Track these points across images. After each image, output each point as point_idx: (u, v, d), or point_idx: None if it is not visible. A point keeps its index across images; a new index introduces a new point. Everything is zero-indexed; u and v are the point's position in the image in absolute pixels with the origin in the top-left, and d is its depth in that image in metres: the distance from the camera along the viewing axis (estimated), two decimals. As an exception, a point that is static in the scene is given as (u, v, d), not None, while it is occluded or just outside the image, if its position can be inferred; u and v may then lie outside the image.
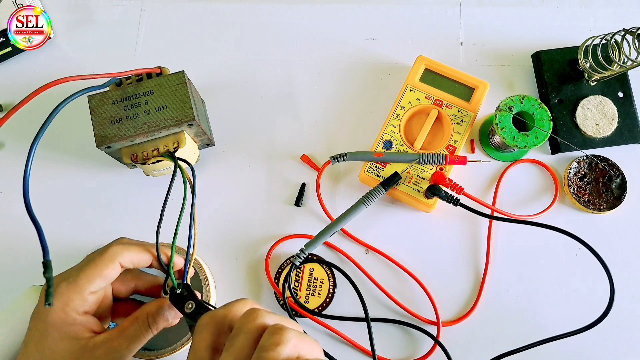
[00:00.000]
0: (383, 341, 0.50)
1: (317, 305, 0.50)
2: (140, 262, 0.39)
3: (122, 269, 0.38)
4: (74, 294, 0.35)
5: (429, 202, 0.51)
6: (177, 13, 0.61)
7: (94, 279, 0.36)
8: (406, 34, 0.60)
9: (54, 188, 0.55)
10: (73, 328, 0.35)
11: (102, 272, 0.36)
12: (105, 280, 0.36)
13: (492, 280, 0.52)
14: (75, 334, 0.35)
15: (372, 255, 0.53)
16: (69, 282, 0.36)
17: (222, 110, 0.57)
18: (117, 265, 0.37)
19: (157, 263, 0.40)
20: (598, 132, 0.55)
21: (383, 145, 0.53)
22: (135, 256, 0.38)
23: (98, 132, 0.46)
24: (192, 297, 0.39)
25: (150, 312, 0.38)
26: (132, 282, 0.42)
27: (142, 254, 0.39)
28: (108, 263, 0.36)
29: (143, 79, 0.48)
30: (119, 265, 0.37)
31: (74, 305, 0.35)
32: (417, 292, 0.51)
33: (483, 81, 0.54)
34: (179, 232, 0.40)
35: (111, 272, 0.37)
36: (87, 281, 0.36)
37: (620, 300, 0.46)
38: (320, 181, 0.53)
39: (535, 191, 0.55)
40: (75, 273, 0.36)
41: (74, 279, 0.36)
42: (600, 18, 0.60)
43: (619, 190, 0.53)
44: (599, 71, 0.53)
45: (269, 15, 0.61)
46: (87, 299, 0.36)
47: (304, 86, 0.58)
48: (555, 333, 0.48)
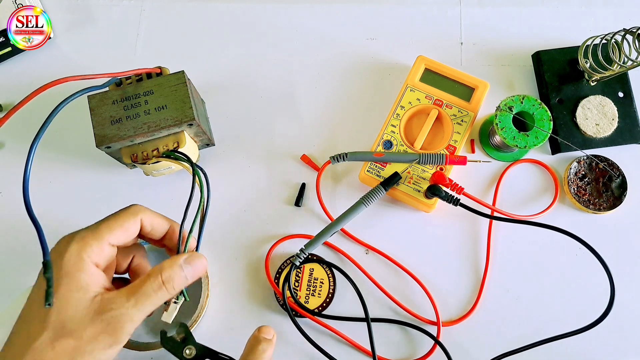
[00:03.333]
0: (383, 341, 0.50)
1: (317, 305, 0.50)
2: (159, 227, 0.38)
3: (140, 227, 0.37)
4: (93, 240, 0.34)
5: (429, 202, 0.51)
6: (177, 13, 0.61)
7: (115, 229, 0.35)
8: (406, 34, 0.60)
9: (54, 188, 0.55)
10: (86, 278, 0.33)
11: (124, 223, 0.36)
12: (125, 233, 0.36)
13: (492, 280, 0.52)
14: (87, 285, 0.33)
15: (372, 255, 0.53)
16: (89, 229, 0.35)
17: (222, 110, 0.57)
18: (138, 220, 0.37)
19: (174, 235, 0.39)
20: (598, 132, 0.55)
21: (383, 145, 0.53)
22: (155, 218, 0.38)
23: (98, 132, 0.46)
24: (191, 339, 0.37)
25: (163, 269, 0.35)
26: (131, 254, 0.41)
27: (161, 218, 0.39)
28: (130, 217, 0.36)
29: (143, 79, 0.48)
30: (140, 222, 0.37)
31: (91, 252, 0.34)
32: (417, 292, 0.51)
33: (483, 81, 0.54)
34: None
35: (132, 226, 0.36)
36: (107, 230, 0.35)
37: (621, 300, 0.46)
38: (320, 181, 0.53)
39: (535, 191, 0.55)
40: (97, 223, 0.36)
41: (94, 227, 0.35)
42: (600, 18, 0.60)
43: (619, 190, 0.53)
44: (599, 71, 0.53)
45: (269, 15, 0.61)
46: (104, 250, 0.34)
47: (304, 86, 0.58)
48: (556, 333, 0.48)
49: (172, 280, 0.35)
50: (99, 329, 0.32)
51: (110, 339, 0.32)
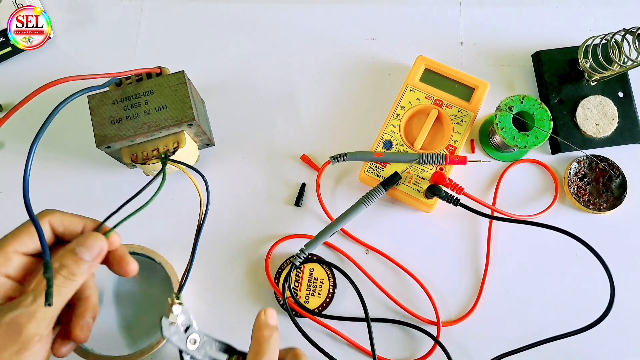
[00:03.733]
0: (383, 341, 0.50)
1: (317, 305, 0.50)
2: (72, 225, 0.37)
3: (52, 230, 0.36)
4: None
5: (429, 202, 0.51)
6: (177, 13, 0.61)
7: (21, 236, 0.34)
8: (406, 34, 0.60)
9: (54, 188, 0.55)
10: None
11: (29, 229, 0.35)
12: (33, 237, 0.34)
13: (492, 280, 0.52)
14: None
15: (372, 255, 0.53)
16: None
17: (222, 110, 0.57)
18: (45, 222, 0.35)
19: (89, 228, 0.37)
20: (598, 132, 0.55)
21: (383, 145, 0.53)
22: (65, 217, 0.36)
23: (98, 132, 0.46)
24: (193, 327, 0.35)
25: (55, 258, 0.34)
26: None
27: (73, 217, 0.37)
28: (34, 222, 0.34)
29: (143, 79, 0.48)
30: (48, 224, 0.36)
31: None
32: (417, 292, 0.51)
33: (483, 81, 0.54)
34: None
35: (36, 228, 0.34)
36: (12, 239, 0.34)
37: (621, 300, 0.46)
38: (320, 181, 0.53)
39: (535, 191, 0.55)
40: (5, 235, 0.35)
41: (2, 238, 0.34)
42: (600, 18, 0.60)
43: (619, 190, 0.53)
44: (599, 71, 0.53)
45: (269, 15, 0.61)
46: (10, 258, 0.34)
47: (304, 86, 0.58)
48: (556, 333, 0.48)
49: (66, 266, 0.33)
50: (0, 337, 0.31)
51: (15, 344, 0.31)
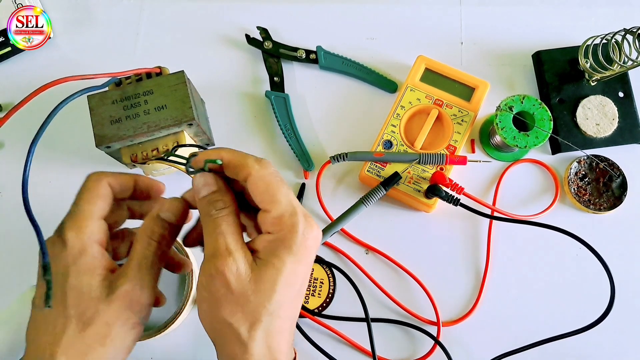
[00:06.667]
0: (383, 341, 0.50)
1: (317, 306, 0.50)
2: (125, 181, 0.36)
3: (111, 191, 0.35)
4: (83, 221, 0.32)
5: (429, 202, 0.51)
6: (177, 13, 0.61)
7: (93, 199, 0.33)
8: (406, 34, 0.60)
9: (54, 188, 0.55)
10: (91, 261, 0.32)
11: (96, 192, 0.33)
12: (104, 199, 0.34)
13: (492, 280, 0.52)
14: (94, 268, 0.31)
15: (372, 255, 0.53)
16: (70, 214, 0.33)
17: (222, 110, 0.57)
18: (105, 184, 0.34)
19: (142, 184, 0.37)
20: (598, 132, 0.54)
21: (383, 145, 0.53)
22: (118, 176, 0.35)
23: (97, 132, 0.46)
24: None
25: (146, 227, 0.33)
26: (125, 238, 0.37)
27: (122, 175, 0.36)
28: (96, 183, 0.34)
29: (143, 78, 0.48)
30: (107, 184, 0.34)
31: (87, 231, 0.32)
32: (417, 292, 0.51)
33: (483, 81, 0.54)
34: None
35: (103, 190, 0.34)
36: (88, 204, 0.33)
37: (621, 300, 0.46)
38: (320, 181, 0.53)
39: (535, 191, 0.55)
40: (73, 206, 0.34)
41: (74, 210, 0.33)
42: (600, 18, 0.60)
43: (620, 190, 0.53)
44: (599, 71, 0.53)
45: (269, 15, 0.61)
46: (97, 225, 0.33)
47: (304, 86, 0.58)
48: (556, 333, 0.48)
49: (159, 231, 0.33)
50: (117, 309, 0.31)
51: (133, 316, 0.31)
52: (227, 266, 0.29)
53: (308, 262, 0.31)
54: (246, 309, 0.29)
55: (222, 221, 0.31)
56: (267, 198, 0.31)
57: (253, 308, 0.29)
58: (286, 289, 0.30)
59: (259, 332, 0.30)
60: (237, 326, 0.29)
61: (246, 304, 0.29)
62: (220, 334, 0.31)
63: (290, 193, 0.31)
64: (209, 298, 0.30)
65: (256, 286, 0.29)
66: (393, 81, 0.58)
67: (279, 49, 0.58)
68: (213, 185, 0.32)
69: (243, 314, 0.30)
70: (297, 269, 0.30)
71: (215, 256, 0.30)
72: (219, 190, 0.32)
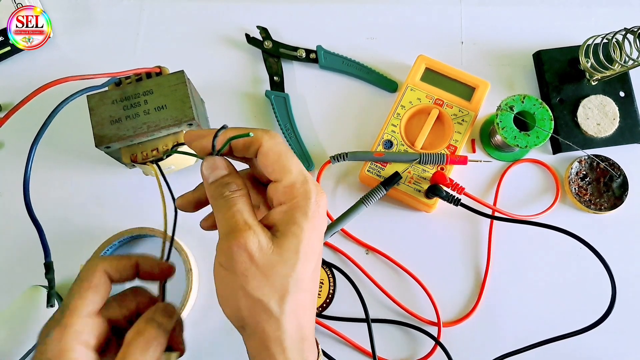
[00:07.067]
0: (383, 342, 0.50)
1: (317, 306, 0.50)
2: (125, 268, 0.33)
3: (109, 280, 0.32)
4: (69, 318, 0.29)
5: (430, 202, 0.51)
6: (177, 13, 0.61)
7: (84, 292, 0.30)
8: (407, 34, 0.60)
9: (54, 188, 0.55)
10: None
11: (89, 283, 0.31)
12: (97, 291, 0.31)
13: (493, 280, 0.51)
14: None
15: (372, 255, 0.52)
16: (60, 310, 0.30)
17: (222, 110, 0.57)
18: (102, 273, 0.31)
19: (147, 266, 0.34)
20: (599, 131, 0.54)
21: (383, 145, 0.53)
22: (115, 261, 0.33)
23: (97, 132, 0.46)
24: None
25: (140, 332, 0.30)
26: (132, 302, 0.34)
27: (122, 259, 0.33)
28: (88, 273, 0.31)
29: (142, 78, 0.48)
30: (105, 274, 0.32)
31: (72, 331, 0.29)
32: (417, 293, 0.51)
33: (484, 80, 0.54)
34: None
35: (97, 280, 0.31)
36: (78, 298, 0.30)
37: (622, 301, 0.46)
38: (320, 181, 0.53)
39: (536, 191, 0.54)
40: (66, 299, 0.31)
41: (64, 305, 0.30)
42: (601, 17, 0.60)
43: (620, 190, 0.53)
44: (600, 70, 0.53)
45: (269, 15, 0.61)
46: (84, 323, 0.30)
47: (304, 86, 0.58)
48: (557, 334, 0.48)
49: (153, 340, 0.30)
50: None
51: None
52: (249, 239, 0.28)
53: (322, 230, 0.31)
54: (274, 281, 0.28)
55: (237, 200, 0.30)
56: (278, 168, 0.30)
57: (281, 279, 0.28)
58: (307, 258, 0.29)
59: (288, 305, 0.29)
60: (267, 300, 0.28)
61: (273, 276, 0.28)
62: (249, 313, 0.29)
63: (299, 162, 0.31)
64: (231, 277, 0.29)
65: (280, 257, 0.29)
66: (393, 81, 0.58)
67: (279, 48, 0.58)
68: (224, 169, 0.31)
69: (271, 287, 0.28)
70: (314, 235, 0.30)
71: (235, 231, 0.29)
72: (230, 173, 0.31)
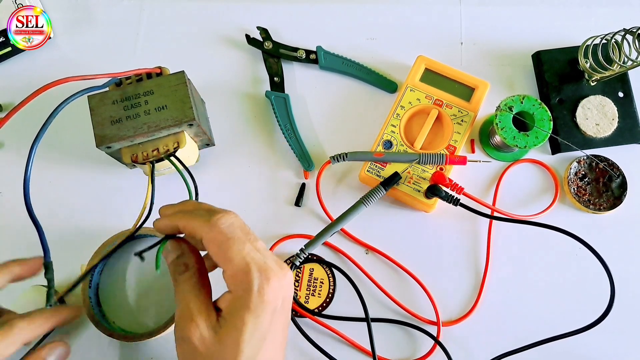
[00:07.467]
0: (383, 341, 0.50)
1: (317, 305, 0.50)
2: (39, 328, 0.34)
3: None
4: None
5: (429, 202, 0.51)
6: (177, 13, 0.61)
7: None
8: (406, 34, 0.60)
9: (54, 188, 0.55)
10: None
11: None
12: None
13: (492, 280, 0.52)
14: None
15: (372, 255, 0.53)
16: None
17: (222, 110, 0.57)
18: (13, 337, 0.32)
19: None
20: (598, 132, 0.55)
21: (383, 145, 0.53)
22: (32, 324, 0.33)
23: (98, 132, 0.46)
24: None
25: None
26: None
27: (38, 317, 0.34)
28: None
29: (143, 79, 0.48)
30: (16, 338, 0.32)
31: None
32: (417, 292, 0.51)
33: (483, 81, 0.54)
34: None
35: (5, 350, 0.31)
36: None
37: (621, 300, 0.46)
38: (320, 181, 0.53)
39: (535, 191, 0.55)
40: None
41: None
42: (600, 18, 0.60)
43: (619, 190, 0.53)
44: (599, 71, 0.53)
45: (269, 15, 0.61)
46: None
47: (304, 86, 0.58)
48: (556, 333, 0.48)
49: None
50: None
51: None
52: (191, 331, 0.31)
53: (271, 316, 0.31)
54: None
55: (185, 285, 0.33)
56: (219, 259, 0.31)
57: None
58: (254, 344, 0.30)
59: None
60: None
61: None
62: None
63: (244, 249, 0.31)
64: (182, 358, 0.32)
65: (221, 347, 0.30)
66: (393, 81, 0.58)
67: (279, 49, 0.58)
68: (175, 251, 0.34)
69: None
70: (260, 324, 0.30)
71: (182, 320, 0.31)
72: (182, 254, 0.34)
